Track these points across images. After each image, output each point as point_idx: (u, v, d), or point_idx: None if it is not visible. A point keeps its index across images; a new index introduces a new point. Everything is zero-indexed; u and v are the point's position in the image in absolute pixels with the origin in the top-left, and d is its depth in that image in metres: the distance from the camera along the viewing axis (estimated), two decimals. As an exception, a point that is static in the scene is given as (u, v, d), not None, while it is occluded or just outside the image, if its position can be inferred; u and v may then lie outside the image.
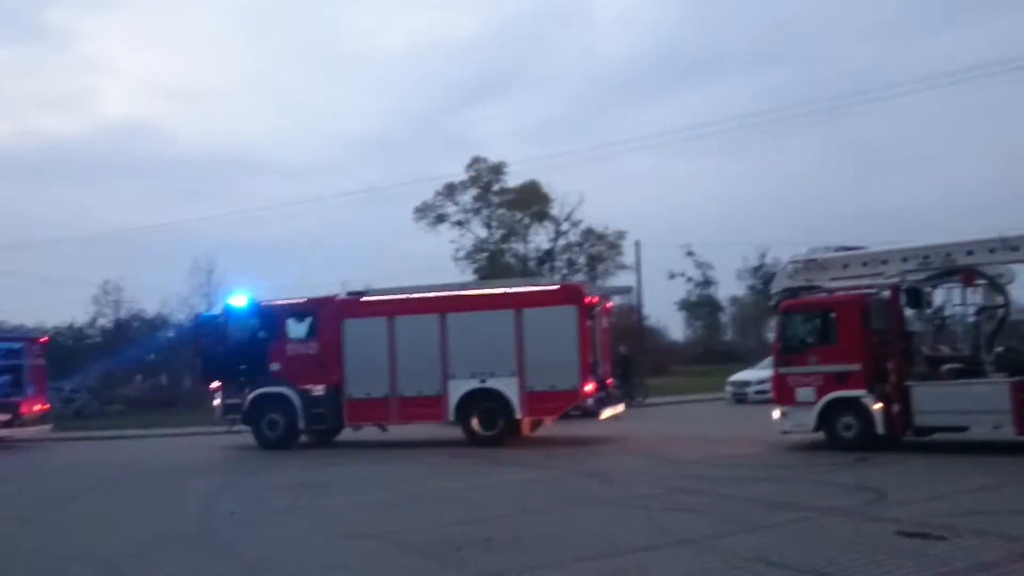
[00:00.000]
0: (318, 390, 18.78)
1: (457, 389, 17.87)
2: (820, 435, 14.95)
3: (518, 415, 17.68)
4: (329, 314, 19.05)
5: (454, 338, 17.99)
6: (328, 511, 11.47)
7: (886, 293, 14.82)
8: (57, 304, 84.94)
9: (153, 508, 12.52)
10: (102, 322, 51.58)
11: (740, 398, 27.90)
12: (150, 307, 52.47)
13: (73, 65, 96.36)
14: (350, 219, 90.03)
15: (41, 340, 25.47)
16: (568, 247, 56.40)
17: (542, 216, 55.77)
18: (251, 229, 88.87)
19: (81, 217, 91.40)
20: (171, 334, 50.21)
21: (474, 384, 17.80)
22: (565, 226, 55.59)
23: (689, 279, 60.82)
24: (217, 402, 19.77)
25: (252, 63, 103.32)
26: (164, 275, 73.53)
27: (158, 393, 40.11)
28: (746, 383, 28.10)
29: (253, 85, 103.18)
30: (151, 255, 73.04)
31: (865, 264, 15.35)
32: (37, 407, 24.09)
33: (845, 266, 15.58)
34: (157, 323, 51.47)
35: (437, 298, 18.52)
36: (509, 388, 17.58)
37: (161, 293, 73.16)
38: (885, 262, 15.03)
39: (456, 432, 18.50)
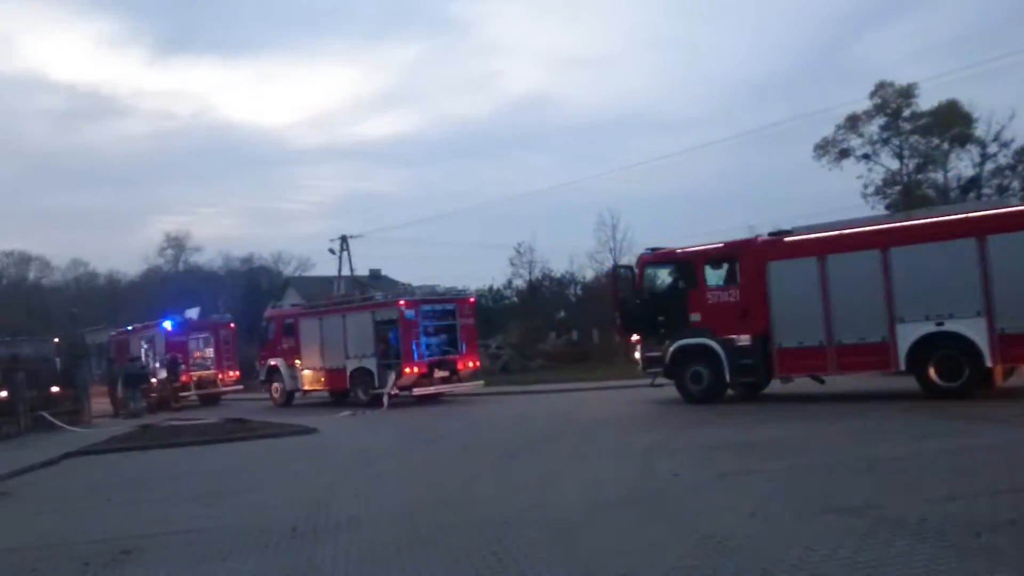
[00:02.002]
0: (743, 340, 17.47)
1: (908, 334, 15.50)
2: None
3: (988, 363, 14.86)
4: (750, 258, 17.61)
5: (900, 275, 15.64)
6: (781, 476, 10.08)
7: None
8: (479, 268, 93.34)
9: (591, 466, 12.00)
10: (517, 283, 54.92)
11: None
12: (558, 266, 54.85)
13: (476, 50, 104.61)
14: (745, 164, 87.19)
15: (470, 301, 27.09)
16: (998, 171, 48.93)
17: (964, 139, 48.86)
18: (650, 182, 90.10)
19: (493, 188, 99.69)
20: (579, 291, 52.08)
21: (929, 327, 15.31)
22: (993, 148, 48.16)
23: None
24: (638, 355, 19.29)
25: (635, 21, 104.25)
26: (569, 234, 76.93)
27: (571, 348, 41.46)
28: None
29: (639, 43, 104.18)
30: (556, 216, 77.16)
31: None
32: (470, 363, 25.72)
33: None
34: (565, 280, 53.64)
35: (877, 231, 16.17)
36: (975, 331, 14.85)
37: (568, 251, 77.58)
38: None
39: (904, 383, 16.15)
